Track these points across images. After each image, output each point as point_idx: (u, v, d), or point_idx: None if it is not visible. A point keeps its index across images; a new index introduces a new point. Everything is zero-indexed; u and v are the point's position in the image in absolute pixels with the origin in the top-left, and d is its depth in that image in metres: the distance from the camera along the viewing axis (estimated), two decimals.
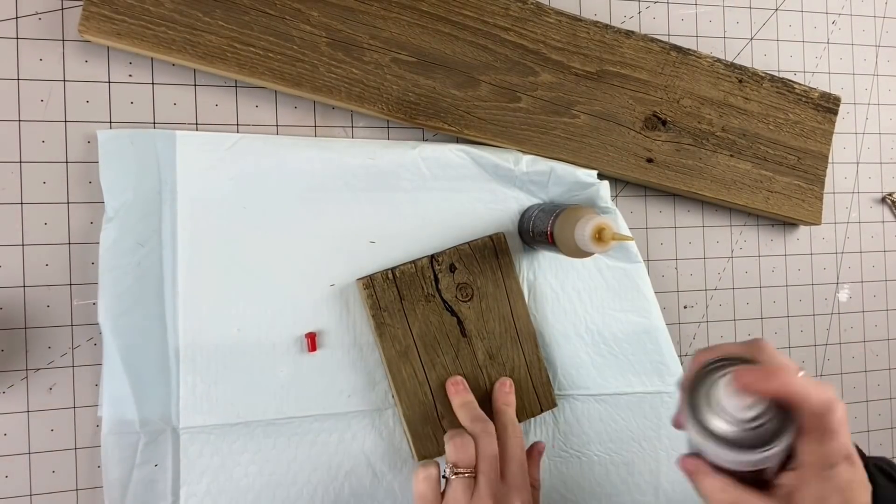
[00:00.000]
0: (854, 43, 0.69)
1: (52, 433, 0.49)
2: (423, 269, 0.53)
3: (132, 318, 0.48)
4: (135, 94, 0.51)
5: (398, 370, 0.52)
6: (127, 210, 0.48)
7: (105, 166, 0.48)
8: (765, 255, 0.66)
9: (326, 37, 0.52)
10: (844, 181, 0.68)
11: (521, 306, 0.55)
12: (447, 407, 0.52)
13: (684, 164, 0.60)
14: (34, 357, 0.49)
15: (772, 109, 0.63)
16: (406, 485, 0.53)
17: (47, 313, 0.49)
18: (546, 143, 0.57)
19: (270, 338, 0.51)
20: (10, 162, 0.48)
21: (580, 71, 0.57)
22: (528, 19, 0.56)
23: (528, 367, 0.55)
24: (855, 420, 0.68)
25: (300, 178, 0.52)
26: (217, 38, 0.50)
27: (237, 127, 0.53)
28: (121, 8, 0.48)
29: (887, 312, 0.69)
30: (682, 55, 0.60)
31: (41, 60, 0.49)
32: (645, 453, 0.59)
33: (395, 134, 0.56)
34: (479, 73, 0.55)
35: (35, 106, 0.49)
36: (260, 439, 0.50)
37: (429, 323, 0.53)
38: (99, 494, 0.49)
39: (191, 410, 0.49)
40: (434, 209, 0.54)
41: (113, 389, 0.48)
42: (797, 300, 0.66)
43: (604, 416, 0.58)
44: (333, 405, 0.52)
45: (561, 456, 0.57)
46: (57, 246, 0.49)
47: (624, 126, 0.58)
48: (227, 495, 0.50)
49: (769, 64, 0.66)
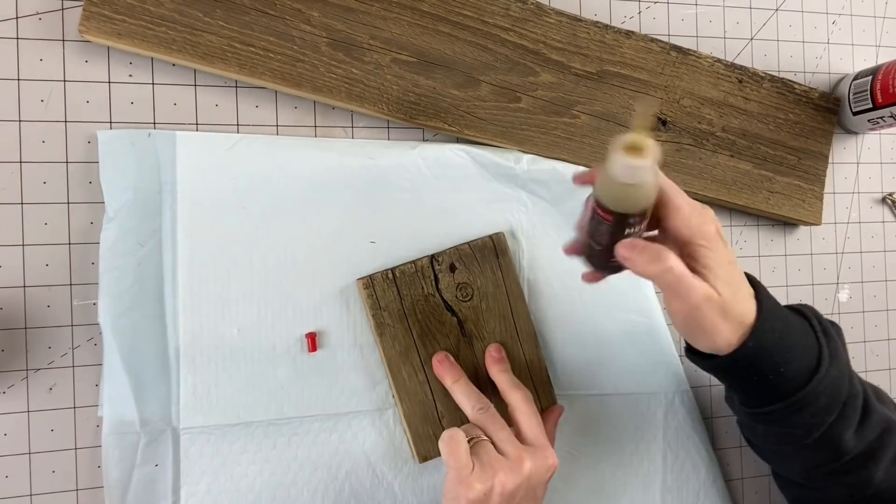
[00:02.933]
0: (854, 43, 0.69)
1: (52, 433, 0.49)
2: (423, 269, 0.53)
3: (132, 318, 0.48)
4: (135, 94, 0.51)
5: (398, 370, 0.52)
6: (127, 210, 0.48)
7: (105, 166, 0.48)
8: (765, 255, 0.66)
9: (327, 37, 0.52)
10: (844, 181, 0.68)
11: (522, 306, 0.55)
12: (448, 407, 0.52)
13: (684, 164, 0.60)
14: (34, 357, 0.49)
15: (772, 109, 0.63)
16: (406, 485, 0.53)
17: (47, 313, 0.49)
18: (546, 143, 0.57)
19: (270, 338, 0.51)
20: (10, 162, 0.48)
21: (580, 71, 0.57)
22: (528, 19, 0.56)
23: (529, 367, 0.55)
24: None
25: (300, 179, 0.52)
26: (217, 38, 0.50)
27: (237, 127, 0.53)
28: (121, 8, 0.48)
29: (887, 312, 0.69)
30: (682, 55, 0.60)
31: (41, 60, 0.49)
32: (645, 453, 0.59)
33: (395, 134, 0.56)
34: (479, 73, 0.55)
35: (35, 106, 0.49)
36: (260, 439, 0.50)
37: (429, 323, 0.53)
38: (99, 494, 0.49)
39: (191, 411, 0.49)
40: (434, 209, 0.54)
41: (113, 389, 0.48)
42: (797, 300, 0.66)
43: (604, 416, 0.58)
44: (333, 405, 0.52)
45: (560, 455, 0.57)
46: (57, 246, 0.49)
47: (624, 126, 0.58)
48: (227, 495, 0.50)
49: (769, 64, 0.66)
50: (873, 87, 0.63)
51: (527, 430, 0.48)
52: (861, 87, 0.64)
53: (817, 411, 0.44)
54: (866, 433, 0.45)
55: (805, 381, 0.43)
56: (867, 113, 0.64)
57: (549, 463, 0.47)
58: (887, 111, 0.62)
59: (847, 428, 0.44)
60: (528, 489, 0.45)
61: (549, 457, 0.47)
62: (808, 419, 0.44)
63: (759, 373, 0.43)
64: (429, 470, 0.54)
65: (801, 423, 0.44)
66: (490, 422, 0.47)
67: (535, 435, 0.48)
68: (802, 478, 0.49)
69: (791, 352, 0.43)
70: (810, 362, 0.43)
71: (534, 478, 0.45)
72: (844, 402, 0.44)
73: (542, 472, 0.46)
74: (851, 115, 0.65)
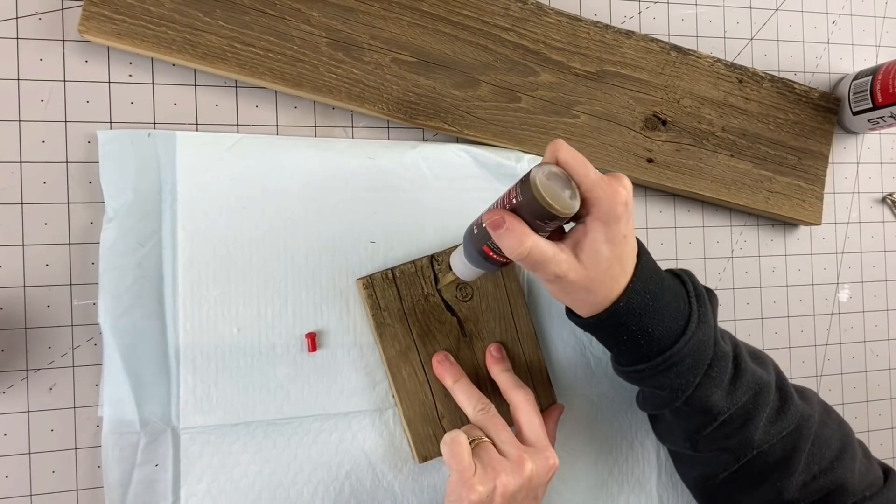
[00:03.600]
0: (854, 43, 0.69)
1: (52, 433, 0.49)
2: (423, 269, 0.53)
3: (132, 318, 0.48)
4: (135, 94, 0.51)
5: (398, 370, 0.52)
6: (127, 210, 0.48)
7: (105, 166, 0.48)
8: (765, 255, 0.66)
9: (327, 37, 0.52)
10: (844, 181, 0.68)
11: (521, 306, 0.55)
12: (448, 407, 0.52)
13: (684, 164, 0.60)
14: (34, 357, 0.49)
15: (772, 109, 0.63)
16: (406, 485, 0.53)
17: (47, 313, 0.49)
18: (546, 142, 0.56)
19: (270, 338, 0.51)
20: (10, 162, 0.48)
21: (580, 71, 0.57)
22: (528, 19, 0.56)
23: (529, 367, 0.55)
24: (855, 420, 0.68)
25: (300, 178, 0.52)
26: (217, 38, 0.50)
27: (237, 127, 0.53)
28: (121, 8, 0.48)
29: (887, 312, 0.69)
30: (682, 55, 0.60)
31: (41, 60, 0.49)
32: (644, 454, 0.59)
33: (395, 134, 0.56)
34: (479, 73, 0.55)
35: (35, 106, 0.49)
36: (260, 439, 0.50)
37: (429, 323, 0.53)
38: (99, 494, 0.49)
39: (191, 411, 0.49)
40: (434, 209, 0.54)
41: (113, 389, 0.48)
42: (797, 300, 0.66)
43: (604, 416, 0.58)
44: (333, 405, 0.52)
45: (560, 455, 0.57)
46: (57, 246, 0.49)
47: (624, 126, 0.58)
48: (227, 495, 0.50)
49: (769, 64, 0.66)
50: (873, 87, 0.63)
51: (528, 430, 0.48)
52: (861, 87, 0.64)
53: (682, 372, 0.45)
54: (737, 394, 0.47)
55: (671, 343, 0.44)
56: (867, 113, 0.64)
57: (551, 463, 0.47)
58: (887, 111, 0.62)
59: (715, 388, 0.46)
60: (529, 490, 0.45)
61: (550, 457, 0.47)
62: (675, 379, 0.45)
63: (629, 332, 0.44)
64: (429, 470, 0.54)
65: (668, 383, 0.46)
66: (491, 423, 0.48)
67: (537, 435, 0.48)
68: (688, 445, 0.50)
69: (660, 314, 0.44)
70: (679, 324, 0.45)
71: (535, 478, 0.46)
72: (710, 363, 0.46)
73: (543, 472, 0.46)
74: (851, 115, 0.65)
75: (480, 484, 0.43)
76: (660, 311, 0.44)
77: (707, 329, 0.46)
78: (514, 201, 0.41)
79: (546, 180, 0.40)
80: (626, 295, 0.43)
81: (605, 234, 0.41)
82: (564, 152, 0.41)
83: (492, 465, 0.44)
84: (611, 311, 0.43)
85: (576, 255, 0.42)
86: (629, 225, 0.42)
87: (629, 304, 0.43)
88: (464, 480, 0.43)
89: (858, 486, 0.50)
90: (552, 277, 0.42)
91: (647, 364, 0.45)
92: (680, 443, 0.51)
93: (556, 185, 0.40)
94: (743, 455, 0.48)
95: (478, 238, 0.43)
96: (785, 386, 0.50)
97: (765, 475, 0.49)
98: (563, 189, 0.41)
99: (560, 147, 0.42)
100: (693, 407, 0.47)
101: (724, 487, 0.51)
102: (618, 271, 0.43)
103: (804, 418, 0.49)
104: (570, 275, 0.42)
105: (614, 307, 0.43)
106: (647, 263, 0.44)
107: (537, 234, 0.41)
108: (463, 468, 0.44)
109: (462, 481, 0.43)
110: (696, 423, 0.48)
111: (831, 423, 0.51)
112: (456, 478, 0.44)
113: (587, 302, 0.44)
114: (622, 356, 0.47)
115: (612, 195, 0.41)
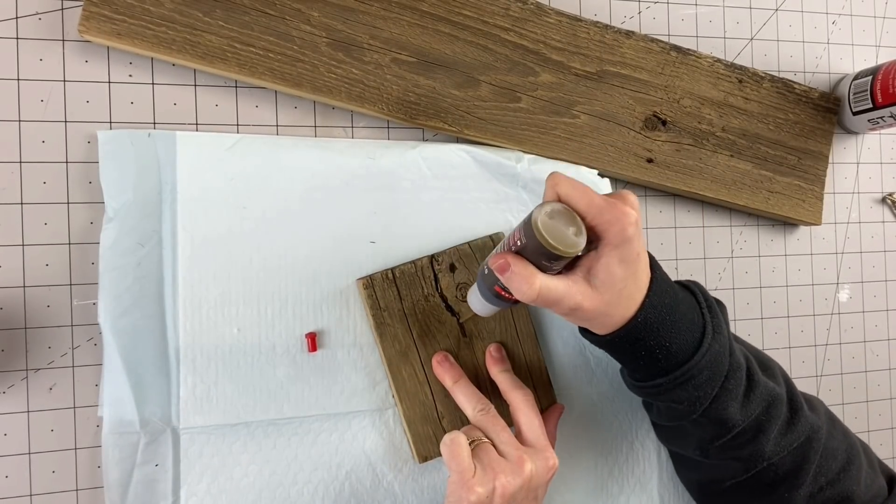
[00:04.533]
0: (854, 43, 0.69)
1: (52, 433, 0.49)
2: (423, 269, 0.53)
3: (132, 318, 0.48)
4: (135, 94, 0.51)
5: (398, 370, 0.52)
6: (127, 210, 0.48)
7: (105, 166, 0.48)
8: (765, 256, 0.66)
9: (327, 37, 0.52)
10: (844, 181, 0.68)
11: (521, 306, 0.55)
12: (448, 407, 0.52)
13: (684, 164, 0.60)
14: (34, 357, 0.49)
15: (772, 109, 0.63)
16: (406, 485, 0.53)
17: (47, 313, 0.49)
18: (546, 143, 0.57)
19: (270, 338, 0.51)
20: (10, 162, 0.48)
21: (580, 71, 0.57)
22: (528, 19, 0.56)
23: (529, 367, 0.55)
24: (855, 420, 0.68)
25: (300, 179, 0.52)
26: (217, 38, 0.50)
27: (237, 127, 0.53)
28: (121, 8, 0.48)
29: (887, 312, 0.69)
30: (682, 55, 0.60)
31: (41, 60, 0.49)
32: (644, 454, 0.59)
33: (395, 134, 0.56)
34: (479, 73, 0.55)
35: (35, 106, 0.49)
36: (260, 439, 0.50)
37: (429, 323, 0.53)
38: (99, 494, 0.49)
39: (191, 411, 0.49)
40: (434, 209, 0.54)
41: (113, 389, 0.48)
42: (797, 300, 0.66)
43: (604, 416, 0.58)
44: (333, 405, 0.52)
45: (560, 456, 0.57)
46: (57, 246, 0.49)
47: (624, 126, 0.58)
48: (227, 495, 0.50)
49: (769, 64, 0.66)
50: (873, 87, 0.63)
51: (527, 430, 0.48)
52: (861, 87, 0.64)
53: (700, 384, 0.45)
54: (751, 406, 0.46)
55: (689, 356, 0.44)
56: (867, 113, 0.64)
57: (550, 464, 0.47)
58: (887, 111, 0.62)
59: (731, 400, 0.46)
60: (528, 490, 0.45)
61: (549, 458, 0.47)
62: (693, 392, 0.45)
63: (647, 348, 0.44)
64: (429, 470, 0.54)
65: (686, 396, 0.45)
66: (491, 423, 0.48)
67: (536, 436, 0.48)
68: (698, 453, 0.50)
69: (677, 326, 0.44)
70: (695, 336, 0.45)
71: (535, 479, 0.46)
72: (726, 375, 0.45)
73: (542, 473, 0.46)
74: (851, 115, 0.65)
75: (480, 485, 0.43)
76: (676, 324, 0.44)
77: (722, 340, 0.45)
78: (518, 243, 0.40)
79: (548, 220, 0.39)
80: (643, 310, 0.42)
81: (619, 256, 0.41)
82: (563, 186, 0.41)
83: (491, 465, 0.44)
84: (628, 327, 0.43)
85: (588, 283, 0.41)
86: (641, 242, 0.42)
87: (647, 319, 0.43)
88: (463, 481, 0.43)
89: (864, 496, 0.49)
90: (567, 311, 0.42)
91: (666, 378, 0.45)
92: (689, 450, 0.51)
93: (559, 223, 0.39)
94: (753, 466, 0.48)
95: (489, 278, 0.43)
96: (795, 396, 0.49)
97: (773, 486, 0.48)
98: (568, 226, 0.39)
99: (558, 181, 0.41)
100: (709, 418, 0.46)
101: (729, 494, 0.51)
102: (633, 289, 0.42)
103: (814, 430, 0.49)
104: (585, 304, 0.41)
105: (632, 323, 0.43)
106: (660, 276, 0.44)
107: (545, 274, 0.40)
108: (462, 469, 0.44)
109: (462, 482, 0.43)
110: (710, 434, 0.47)
111: (837, 434, 0.51)
112: (455, 478, 0.44)
113: (604, 323, 0.43)
114: (639, 371, 0.47)
115: (621, 217, 0.40)
